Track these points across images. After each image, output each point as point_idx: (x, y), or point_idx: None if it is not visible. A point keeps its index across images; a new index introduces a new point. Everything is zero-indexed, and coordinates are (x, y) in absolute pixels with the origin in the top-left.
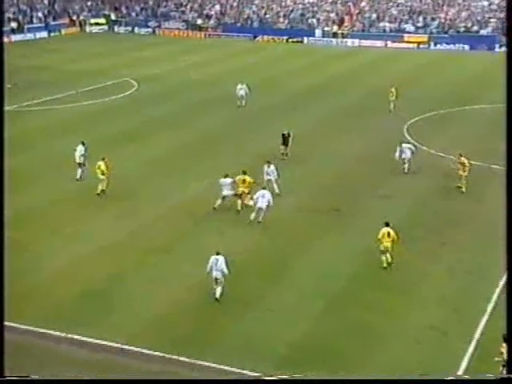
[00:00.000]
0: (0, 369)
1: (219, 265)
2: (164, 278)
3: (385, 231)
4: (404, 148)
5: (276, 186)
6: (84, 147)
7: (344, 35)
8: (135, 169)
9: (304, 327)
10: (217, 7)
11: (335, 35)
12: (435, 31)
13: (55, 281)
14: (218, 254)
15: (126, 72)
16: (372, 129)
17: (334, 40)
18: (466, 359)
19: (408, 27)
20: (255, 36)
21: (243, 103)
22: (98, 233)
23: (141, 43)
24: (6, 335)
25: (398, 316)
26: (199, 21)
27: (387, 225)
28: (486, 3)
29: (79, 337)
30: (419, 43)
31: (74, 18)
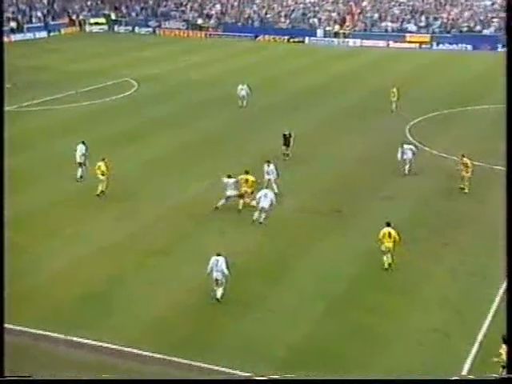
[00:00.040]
0: (0, 369)
1: (219, 266)
2: (164, 280)
3: (385, 231)
4: (405, 149)
5: (275, 186)
6: (85, 146)
7: (346, 35)
8: (135, 169)
9: (305, 329)
10: (217, 7)
11: (337, 35)
12: (438, 31)
13: (54, 282)
14: (219, 255)
15: (126, 72)
16: (374, 129)
17: (336, 40)
18: (469, 361)
19: (410, 27)
20: (256, 36)
21: (244, 103)
22: (98, 234)
23: (141, 43)
24: (5, 337)
25: (400, 318)
26: (200, 20)
27: (388, 225)
28: (489, 3)
29: (78, 339)
30: (421, 43)
31: (74, 18)
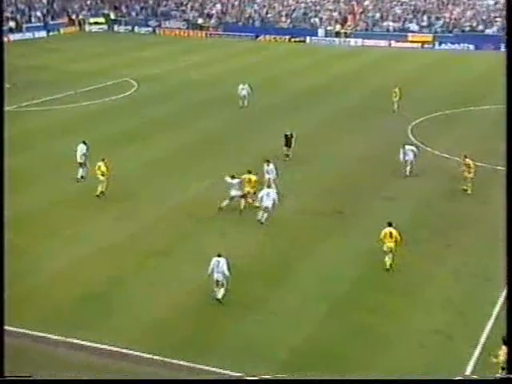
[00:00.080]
0: (0, 369)
1: (221, 267)
2: (164, 281)
3: (387, 231)
4: (407, 150)
5: (274, 186)
6: (86, 146)
7: (347, 35)
8: (135, 169)
9: (307, 330)
10: (218, 6)
11: (338, 35)
12: (440, 30)
13: (54, 283)
14: (220, 256)
15: (126, 72)
16: (375, 129)
17: (337, 39)
18: (472, 363)
19: (412, 26)
20: (257, 35)
21: (245, 103)
22: (98, 234)
23: (141, 43)
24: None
25: (402, 319)
26: (200, 20)
27: (390, 225)
28: (492, 2)
29: (78, 340)
30: (423, 43)
31: (73, 17)
